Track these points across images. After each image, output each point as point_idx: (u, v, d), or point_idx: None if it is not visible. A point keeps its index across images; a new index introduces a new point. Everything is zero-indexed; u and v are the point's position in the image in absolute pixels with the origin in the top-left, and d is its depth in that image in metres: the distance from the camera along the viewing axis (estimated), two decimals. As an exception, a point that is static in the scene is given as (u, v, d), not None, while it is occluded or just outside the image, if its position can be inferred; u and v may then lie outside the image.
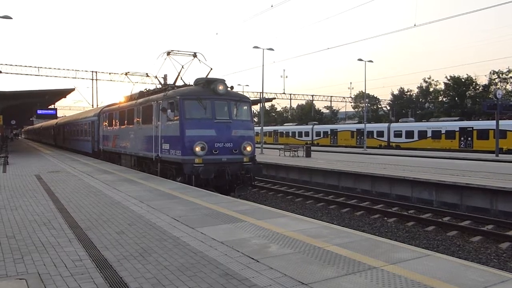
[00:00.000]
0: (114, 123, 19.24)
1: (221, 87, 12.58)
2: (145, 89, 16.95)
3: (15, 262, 4.58)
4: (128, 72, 20.18)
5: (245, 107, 13.51)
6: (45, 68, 49.58)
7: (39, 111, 38.03)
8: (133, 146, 16.20)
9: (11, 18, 20.82)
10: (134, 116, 16.12)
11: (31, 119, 56.03)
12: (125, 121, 17.34)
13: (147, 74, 20.42)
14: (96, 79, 51.36)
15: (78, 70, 51.14)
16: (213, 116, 12.28)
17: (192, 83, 14.01)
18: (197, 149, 11.79)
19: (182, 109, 12.14)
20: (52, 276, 4.14)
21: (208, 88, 12.67)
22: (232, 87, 13.30)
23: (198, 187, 11.03)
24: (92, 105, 48.95)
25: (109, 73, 51.58)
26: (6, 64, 45.71)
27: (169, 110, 12.42)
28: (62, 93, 30.86)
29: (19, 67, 46.67)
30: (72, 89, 29.78)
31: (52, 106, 39.49)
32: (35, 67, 48.39)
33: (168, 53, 14.71)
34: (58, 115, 43.55)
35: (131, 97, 17.85)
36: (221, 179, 12.01)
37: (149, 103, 14.57)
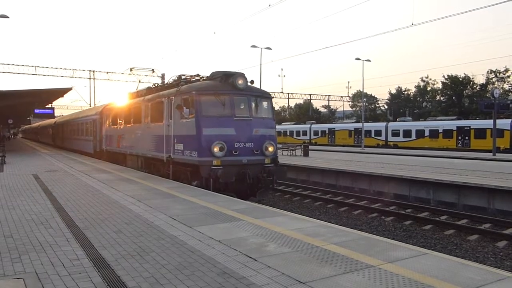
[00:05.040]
0: (118, 121, 18.23)
1: (240, 81, 11.53)
2: (154, 85, 15.75)
3: (13, 262, 4.57)
4: (133, 68, 19.23)
5: (266, 103, 12.52)
6: (42, 67, 49.36)
7: (37, 110, 37.97)
8: (141, 146, 15.14)
9: (8, 17, 20.76)
10: (142, 113, 15.08)
11: (28, 118, 55.93)
12: (131, 120, 16.33)
13: (152, 70, 19.53)
14: (94, 78, 51.24)
15: (75, 69, 50.96)
16: (232, 113, 11.24)
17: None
18: (216, 149, 10.75)
19: (198, 106, 11.10)
20: (50, 275, 4.14)
21: (226, 82, 11.65)
22: (252, 81, 12.11)
23: (216, 191, 10.10)
24: (90, 105, 48.80)
25: (107, 72, 51.45)
26: (3, 63, 45.54)
27: (184, 107, 11.32)
28: (59, 92, 30.75)
29: (16, 66, 46.47)
30: (70, 88, 29.65)
31: (49, 106, 39.41)
32: (32, 66, 48.15)
33: (179, 77, 13.64)
34: (56, 114, 43.49)
35: (138, 94, 16.83)
36: (242, 183, 11.04)
37: (159, 100, 13.47)
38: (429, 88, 68.20)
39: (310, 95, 73.23)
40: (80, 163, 18.39)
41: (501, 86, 55.39)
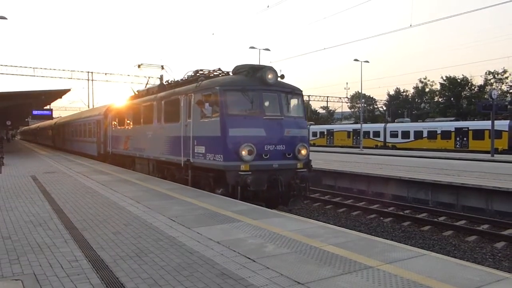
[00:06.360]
0: (126, 122, 17.06)
1: (270, 76, 10.26)
2: (167, 81, 14.90)
3: (11, 263, 4.56)
4: (142, 64, 17.97)
5: (298, 101, 11.32)
6: (41, 68, 49.43)
7: (35, 112, 37.89)
8: (153, 149, 13.86)
9: (6, 18, 20.74)
10: (154, 113, 13.83)
11: (26, 119, 55.89)
12: (141, 120, 15.14)
13: (162, 66, 18.11)
14: (92, 80, 51.26)
15: (73, 71, 51.01)
16: (261, 112, 10.11)
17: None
18: (244, 152, 9.53)
19: (224, 103, 9.87)
20: (48, 276, 4.13)
21: (254, 76, 10.44)
22: (282, 76, 10.84)
23: (245, 200, 9.04)
24: (88, 106, 48.82)
25: (105, 74, 51.49)
26: (1, 65, 45.51)
27: (207, 104, 10.12)
28: (57, 94, 30.74)
29: (14, 67, 46.50)
30: (68, 90, 29.66)
31: (47, 107, 39.38)
32: (30, 67, 48.29)
33: (196, 72, 12.52)
34: (54, 115, 43.42)
35: (148, 92, 15.67)
36: (272, 190, 9.83)
37: (174, 97, 12.22)
38: (427, 89, 68.48)
39: (309, 96, 73.17)
40: (78, 164, 18.36)
41: (499, 87, 55.62)
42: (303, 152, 10.47)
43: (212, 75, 12.01)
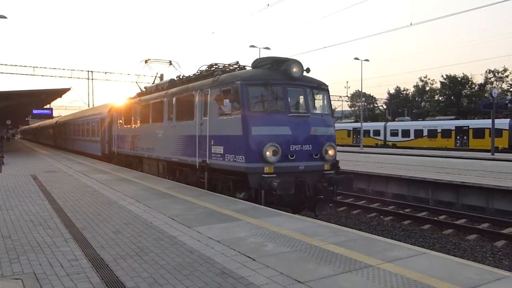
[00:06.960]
0: (132, 120, 16.34)
1: (295, 69, 9.44)
2: (178, 76, 14.23)
3: (11, 262, 4.56)
4: (149, 60, 17.27)
5: (324, 97, 10.48)
6: (41, 67, 49.10)
7: (35, 111, 37.86)
8: (163, 149, 13.07)
9: (5, 17, 20.74)
10: (164, 110, 13.02)
11: (26, 119, 55.89)
12: (150, 118, 14.40)
13: (170, 62, 17.68)
14: (92, 79, 51.17)
15: (73, 70, 50.74)
16: (286, 109, 9.32)
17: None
18: (268, 153, 8.71)
19: (245, 99, 9.05)
20: (48, 276, 4.13)
21: (278, 70, 9.69)
22: (308, 69, 9.94)
23: (269, 205, 8.39)
24: (88, 105, 48.75)
25: (105, 73, 51.36)
26: (1, 64, 45.42)
27: (226, 100, 9.30)
28: (58, 93, 30.69)
29: (14, 66, 46.25)
30: (68, 89, 29.60)
31: (48, 106, 39.36)
32: (30, 66, 47.93)
33: (211, 66, 11.87)
34: (54, 115, 43.41)
35: (157, 88, 14.88)
36: (297, 194, 9.02)
37: (188, 93, 11.46)
38: (427, 88, 68.42)
39: (309, 95, 72.97)
40: (79, 163, 18.36)
41: (500, 85, 55.63)
42: (331, 152, 9.71)
43: (229, 69, 11.23)
